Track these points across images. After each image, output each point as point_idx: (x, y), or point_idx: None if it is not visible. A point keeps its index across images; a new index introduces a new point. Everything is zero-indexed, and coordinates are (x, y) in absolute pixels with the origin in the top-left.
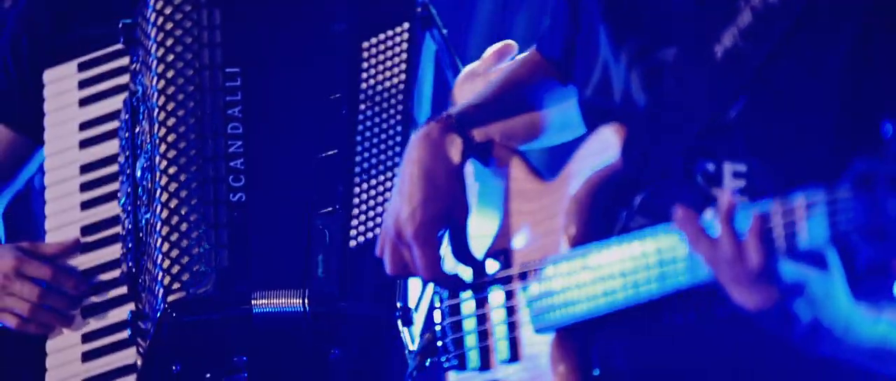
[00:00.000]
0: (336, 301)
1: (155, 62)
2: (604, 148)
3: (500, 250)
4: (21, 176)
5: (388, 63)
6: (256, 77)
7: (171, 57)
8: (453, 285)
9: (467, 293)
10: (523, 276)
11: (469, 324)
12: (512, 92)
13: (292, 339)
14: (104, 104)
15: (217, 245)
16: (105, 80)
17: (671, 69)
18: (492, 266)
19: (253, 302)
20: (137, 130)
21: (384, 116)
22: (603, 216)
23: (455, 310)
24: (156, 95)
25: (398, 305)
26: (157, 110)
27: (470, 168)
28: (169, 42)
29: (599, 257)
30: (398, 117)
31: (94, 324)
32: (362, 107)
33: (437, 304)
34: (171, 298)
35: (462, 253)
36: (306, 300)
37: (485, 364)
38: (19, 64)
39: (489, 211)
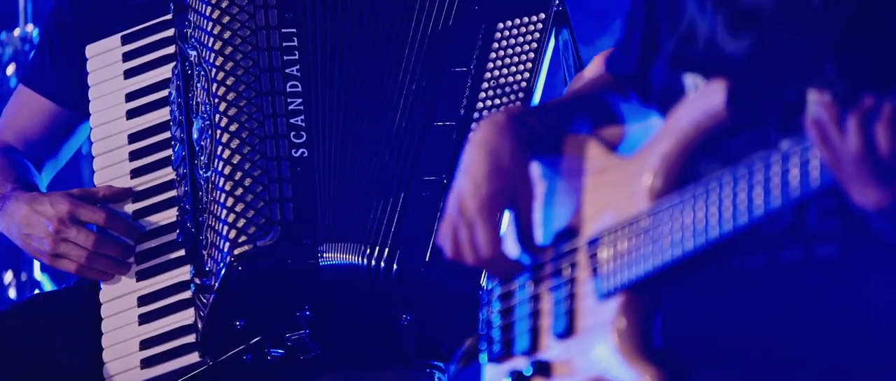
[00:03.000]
0: (425, 267)
1: (210, 24)
2: (706, 101)
3: (570, 228)
4: (65, 150)
5: (518, 49)
6: (315, 38)
7: (226, 18)
8: (509, 269)
9: (523, 278)
10: (592, 242)
11: (522, 308)
12: (578, 97)
13: (359, 298)
14: (150, 75)
15: (281, 199)
16: (149, 51)
17: (768, 16)
18: (558, 244)
19: (322, 255)
20: (191, 93)
21: (505, 99)
22: (690, 169)
23: (508, 296)
24: (212, 55)
25: (484, 284)
26: (214, 70)
27: (537, 169)
28: (224, 3)
29: (678, 198)
30: (519, 103)
31: (149, 287)
32: (485, 85)
33: (486, 299)
34: (237, 251)
35: (526, 240)
36: (395, 262)
37: (533, 345)
38: (63, 36)
39: (559, 204)
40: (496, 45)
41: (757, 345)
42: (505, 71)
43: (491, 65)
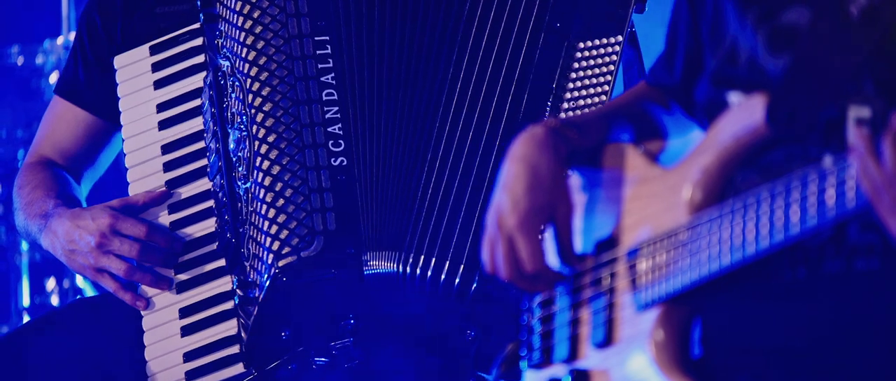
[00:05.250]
0: (508, 287)
1: (242, 34)
2: (747, 116)
3: (610, 238)
4: (103, 159)
5: (597, 70)
6: (350, 45)
7: (258, 28)
8: (551, 281)
9: (564, 286)
10: (631, 253)
11: (562, 316)
12: (619, 108)
13: (408, 308)
14: (180, 85)
15: (323, 209)
16: (179, 61)
17: (807, 31)
18: (598, 254)
19: (367, 263)
20: (226, 103)
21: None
22: (730, 183)
23: (549, 304)
24: (246, 65)
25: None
26: (249, 81)
27: (577, 180)
28: (255, 14)
29: (716, 212)
30: None
31: (190, 299)
32: (566, 105)
33: (527, 305)
34: (281, 262)
35: (565, 253)
36: (475, 281)
37: (572, 354)
38: (95, 45)
39: (599, 213)
40: (576, 65)
41: (796, 356)
42: (584, 92)
43: (571, 84)
